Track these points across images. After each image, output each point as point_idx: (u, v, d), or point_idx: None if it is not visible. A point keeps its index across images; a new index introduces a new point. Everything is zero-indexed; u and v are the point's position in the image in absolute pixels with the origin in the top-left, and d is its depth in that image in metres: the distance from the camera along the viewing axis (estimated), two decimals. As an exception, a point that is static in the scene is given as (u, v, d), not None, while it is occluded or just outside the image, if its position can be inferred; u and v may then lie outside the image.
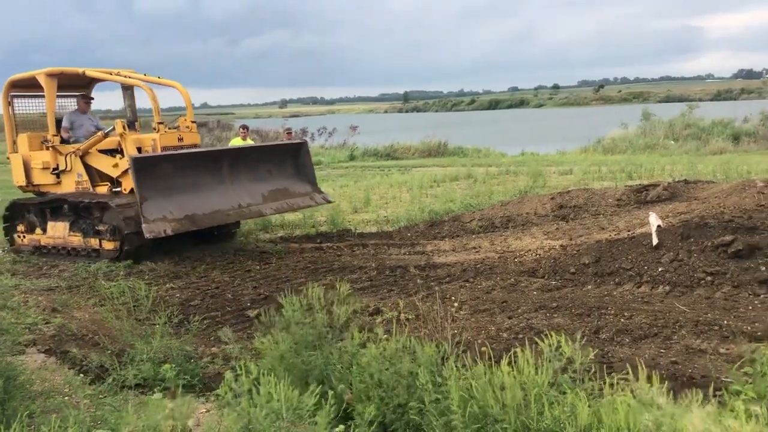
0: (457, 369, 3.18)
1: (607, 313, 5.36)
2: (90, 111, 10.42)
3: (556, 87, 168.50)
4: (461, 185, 15.51)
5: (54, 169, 9.65)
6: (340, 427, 3.03)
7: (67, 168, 9.50)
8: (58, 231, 9.40)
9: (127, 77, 9.39)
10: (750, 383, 3.37)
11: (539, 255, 7.44)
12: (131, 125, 9.28)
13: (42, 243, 9.64)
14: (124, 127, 8.85)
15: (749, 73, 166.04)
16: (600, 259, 6.76)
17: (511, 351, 3.37)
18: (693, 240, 6.49)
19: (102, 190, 9.21)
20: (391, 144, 28.46)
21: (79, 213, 9.27)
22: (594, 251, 6.96)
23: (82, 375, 4.86)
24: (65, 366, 5.08)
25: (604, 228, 8.22)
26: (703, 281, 5.91)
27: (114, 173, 9.10)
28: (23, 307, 6.74)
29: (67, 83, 10.04)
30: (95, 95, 10.92)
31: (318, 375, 3.64)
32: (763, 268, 5.87)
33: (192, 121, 9.37)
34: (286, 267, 8.16)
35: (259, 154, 9.61)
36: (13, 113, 10.35)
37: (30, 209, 9.89)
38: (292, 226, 11.20)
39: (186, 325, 5.67)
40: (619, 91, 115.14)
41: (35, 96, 10.44)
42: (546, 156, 23.70)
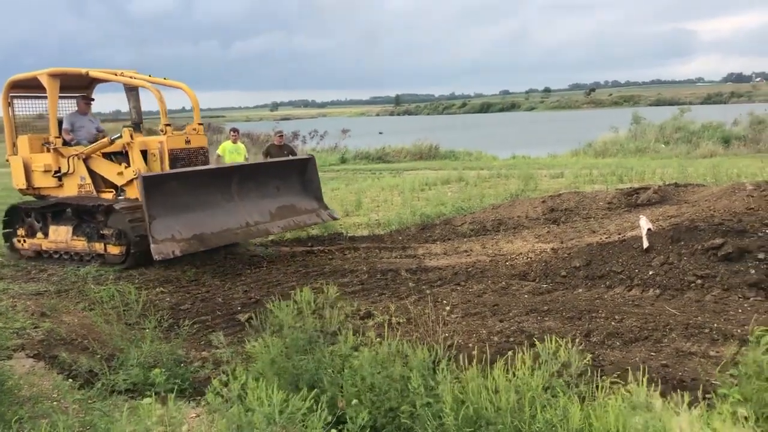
0: (450, 372, 3.18)
1: (598, 317, 5.37)
2: (90, 112, 10.26)
3: (547, 90, 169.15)
4: (453, 188, 15.52)
5: (56, 172, 9.48)
6: (332, 432, 3.02)
7: (70, 171, 9.34)
8: (60, 235, 9.23)
9: (132, 78, 9.21)
10: (736, 386, 3.38)
11: (530, 258, 7.46)
12: (137, 127, 9.11)
13: (43, 247, 9.47)
14: (131, 136, 8.69)
15: (739, 77, 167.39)
16: (591, 263, 6.78)
17: (506, 354, 3.37)
18: (683, 243, 6.52)
19: (107, 196, 9.07)
20: (383, 147, 28.48)
21: (83, 217, 9.12)
22: (585, 254, 6.98)
23: (71, 380, 4.82)
24: (54, 371, 5.04)
25: (595, 231, 8.24)
26: (694, 284, 5.93)
27: (119, 181, 8.96)
28: (11, 312, 6.68)
29: (67, 84, 9.84)
30: (95, 96, 10.77)
31: (309, 379, 3.62)
32: (753, 271, 5.89)
33: (199, 123, 9.22)
34: (277, 271, 8.14)
35: (268, 170, 9.41)
36: (13, 114, 10.16)
37: (31, 213, 9.71)
38: (283, 229, 11.17)
39: (176, 330, 5.65)
40: (610, 95, 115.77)
41: (36, 97, 10.26)
42: (537, 159, 23.77)
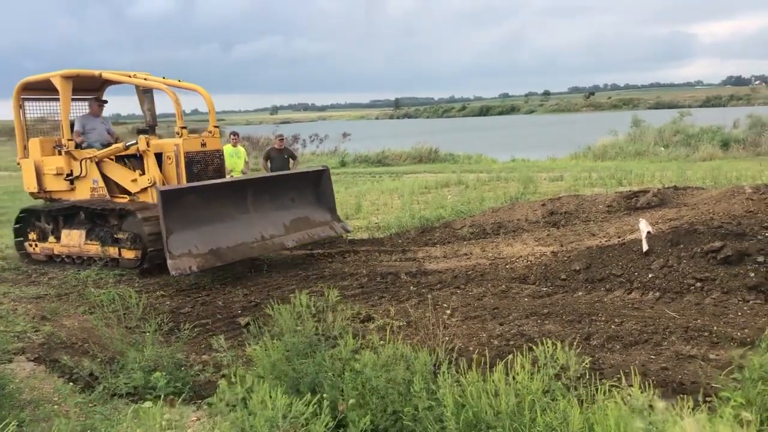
0: (451, 376, 3.18)
1: (598, 320, 5.38)
2: (102, 115, 10.14)
3: (546, 93, 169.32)
4: (452, 191, 15.54)
5: (68, 175, 9.38)
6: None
7: (82, 174, 9.24)
8: (73, 239, 9.13)
9: (146, 80, 9.11)
10: (739, 389, 3.38)
11: (530, 261, 7.46)
12: (151, 129, 9.01)
13: (56, 252, 9.38)
14: (147, 143, 8.60)
15: (738, 80, 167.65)
16: (591, 266, 6.79)
17: (506, 358, 3.37)
18: (683, 246, 6.53)
19: (121, 201, 8.97)
20: (382, 150, 28.50)
21: (96, 220, 9.03)
22: (585, 258, 6.99)
23: (71, 383, 4.82)
24: (55, 374, 5.05)
25: (594, 234, 8.25)
26: (693, 287, 5.94)
27: (132, 188, 8.87)
28: (12, 315, 6.70)
29: (78, 86, 9.67)
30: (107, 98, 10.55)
31: (309, 382, 3.63)
32: (752, 274, 5.90)
33: (215, 126, 9.11)
34: (277, 274, 8.15)
35: (283, 182, 9.28)
36: (24, 117, 10.07)
37: (42, 216, 9.60)
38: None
39: (176, 333, 5.64)
40: (610, 98, 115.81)
41: (48, 99, 10.16)
42: (537, 162, 23.78)
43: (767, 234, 6.42)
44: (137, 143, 8.67)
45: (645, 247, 6.68)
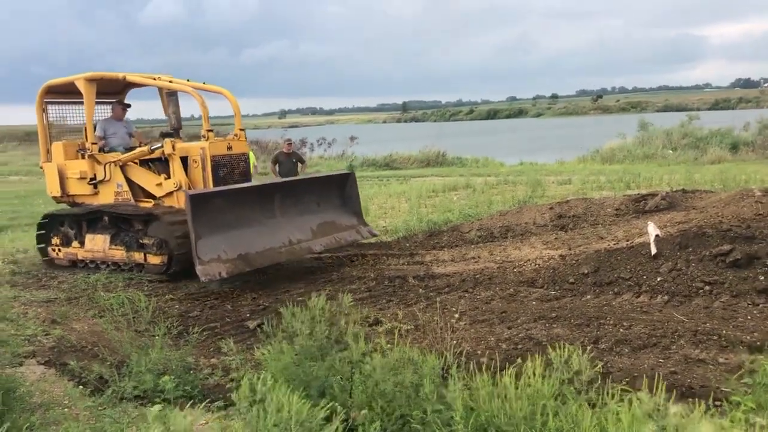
0: (461, 379, 3.19)
1: (606, 323, 5.37)
2: (124, 118, 10.07)
3: (554, 96, 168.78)
4: (460, 195, 15.53)
5: (91, 179, 9.31)
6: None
7: (106, 178, 9.17)
8: (97, 244, 9.06)
9: (171, 82, 9.02)
10: (750, 394, 3.37)
11: (538, 265, 7.45)
12: (176, 133, 8.92)
13: (79, 257, 9.31)
14: (173, 147, 8.52)
15: (747, 83, 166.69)
16: (599, 269, 6.77)
17: (514, 362, 3.37)
18: (691, 249, 6.51)
19: (146, 205, 8.90)
20: (390, 154, 28.51)
21: (120, 225, 8.93)
22: (593, 261, 6.97)
23: (81, 387, 4.85)
24: (64, 378, 5.08)
25: (602, 238, 8.24)
26: (702, 291, 5.92)
27: (158, 192, 8.80)
28: (22, 319, 6.74)
29: (101, 89, 9.56)
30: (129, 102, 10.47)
31: (319, 386, 3.64)
32: (762, 277, 5.87)
33: (241, 129, 9.02)
34: (284, 277, 8.17)
35: (309, 185, 9.14)
36: (47, 121, 10.00)
37: (65, 221, 9.53)
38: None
39: (185, 337, 5.68)
40: (618, 101, 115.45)
41: (71, 102, 10.10)
42: (545, 165, 23.74)
43: (777, 237, 6.39)
44: (163, 147, 8.59)
45: (653, 251, 6.66)
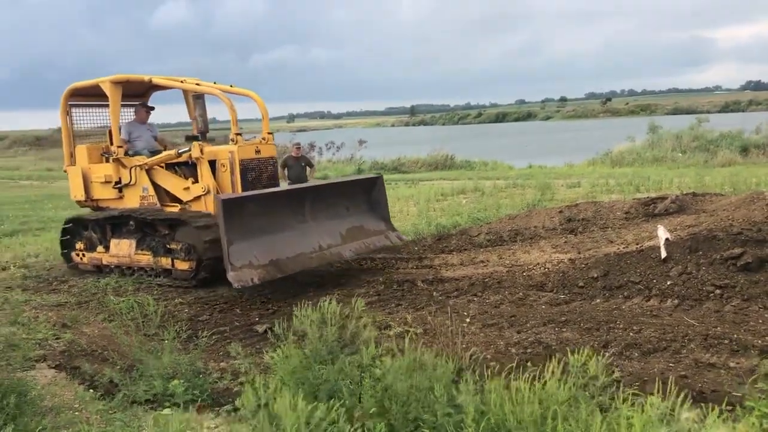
0: (473, 383, 3.18)
1: (616, 327, 5.35)
2: (148, 121, 9.95)
3: (563, 99, 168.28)
4: (469, 198, 15.51)
5: (116, 183, 9.18)
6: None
7: (131, 182, 9.04)
8: (122, 249, 8.95)
9: (197, 85, 8.90)
10: (764, 398, 3.34)
11: (547, 269, 7.43)
12: (202, 136, 8.70)
13: (104, 262, 9.20)
14: (201, 150, 8.37)
15: (757, 85, 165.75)
16: (608, 273, 6.75)
17: (523, 366, 3.36)
18: (702, 253, 6.47)
19: (172, 209, 8.75)
20: (398, 157, 28.52)
21: (146, 230, 8.79)
22: (602, 265, 6.95)
23: (92, 390, 4.87)
24: (75, 381, 5.10)
25: (612, 241, 8.21)
26: (712, 294, 5.89)
27: (185, 197, 8.64)
28: (33, 323, 6.79)
29: (125, 92, 9.38)
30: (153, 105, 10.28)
31: (328, 389, 3.64)
32: (773, 281, 5.84)
33: (268, 132, 8.87)
34: (294, 281, 8.17)
35: (338, 189, 8.95)
36: (71, 124, 9.90)
37: (89, 225, 9.37)
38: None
39: (195, 341, 5.70)
40: (627, 104, 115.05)
41: (96, 105, 10.00)
42: (554, 169, 23.67)
43: (788, 240, 6.35)
44: (190, 150, 8.47)
45: (663, 254, 6.63)
